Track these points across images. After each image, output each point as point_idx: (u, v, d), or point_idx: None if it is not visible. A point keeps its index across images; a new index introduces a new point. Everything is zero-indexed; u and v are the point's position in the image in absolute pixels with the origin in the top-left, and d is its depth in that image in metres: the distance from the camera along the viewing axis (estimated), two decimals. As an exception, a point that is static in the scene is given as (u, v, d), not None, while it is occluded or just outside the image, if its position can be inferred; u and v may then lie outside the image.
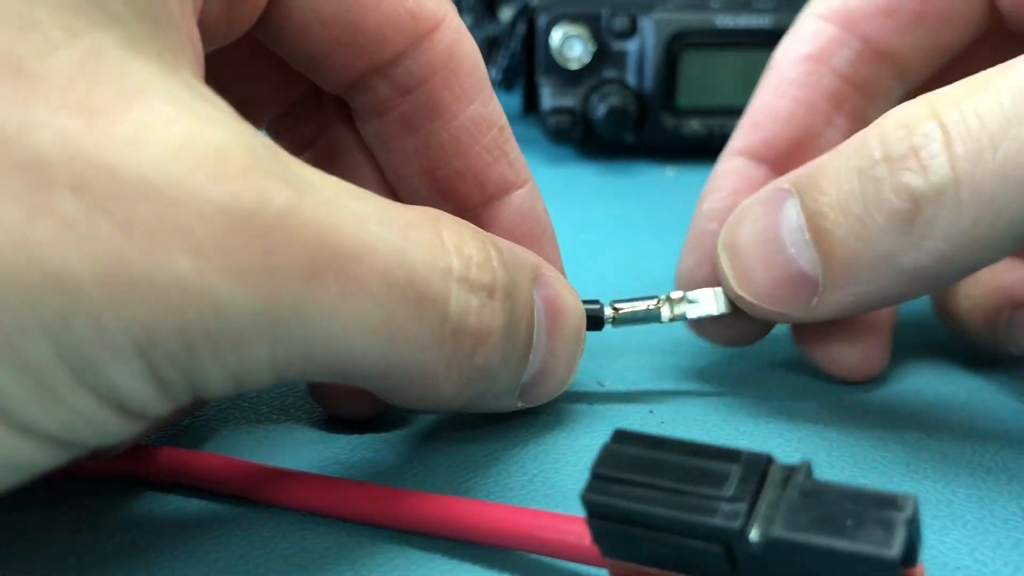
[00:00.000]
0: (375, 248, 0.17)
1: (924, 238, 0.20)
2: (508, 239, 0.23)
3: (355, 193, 0.18)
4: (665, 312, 0.25)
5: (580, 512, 0.21)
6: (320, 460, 0.23)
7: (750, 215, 0.23)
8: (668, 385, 0.27)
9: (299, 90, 0.25)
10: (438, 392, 0.19)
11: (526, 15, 0.51)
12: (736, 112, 0.50)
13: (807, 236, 0.22)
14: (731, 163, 0.27)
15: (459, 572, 0.19)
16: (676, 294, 0.25)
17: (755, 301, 0.23)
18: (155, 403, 0.16)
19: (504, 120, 0.24)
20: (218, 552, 0.19)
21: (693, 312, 0.25)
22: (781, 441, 0.24)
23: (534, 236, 0.24)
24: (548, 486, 0.22)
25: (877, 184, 0.20)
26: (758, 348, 0.29)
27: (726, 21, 0.49)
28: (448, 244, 0.19)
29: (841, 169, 0.21)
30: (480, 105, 0.23)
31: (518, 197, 0.24)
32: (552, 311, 0.22)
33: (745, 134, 0.27)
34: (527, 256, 0.22)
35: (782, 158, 0.26)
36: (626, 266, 0.36)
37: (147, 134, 0.15)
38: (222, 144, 0.15)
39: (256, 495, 0.21)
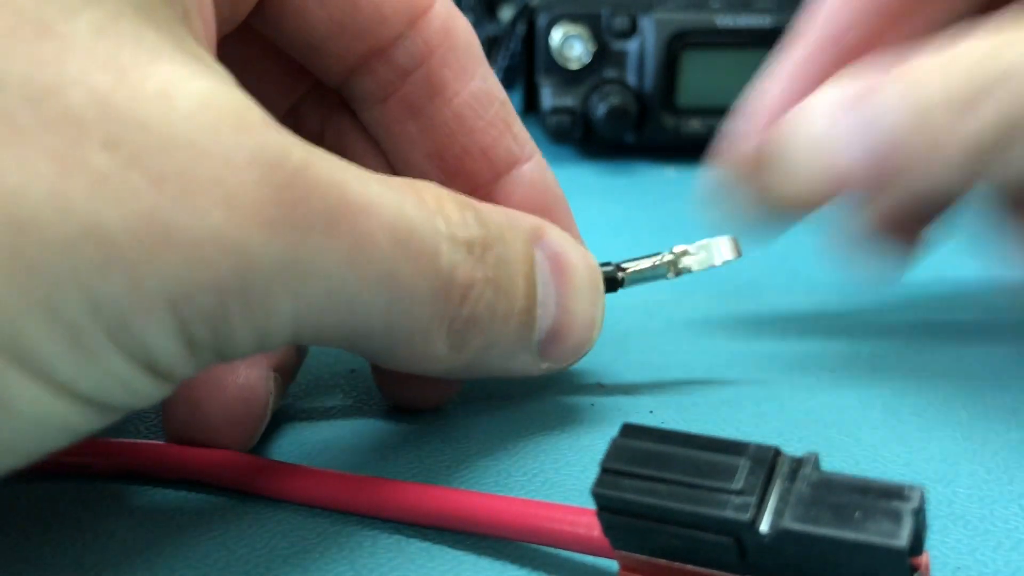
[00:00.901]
0: (381, 203, 0.17)
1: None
2: (523, 212, 0.23)
3: (349, 161, 0.18)
4: (672, 268, 0.25)
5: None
6: (315, 462, 0.23)
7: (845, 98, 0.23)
8: (668, 385, 0.27)
9: (300, 89, 0.25)
10: (432, 348, 0.19)
11: (526, 15, 0.51)
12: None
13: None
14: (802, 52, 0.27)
15: (460, 569, 0.19)
16: (679, 248, 0.25)
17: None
18: (183, 364, 0.16)
19: (504, 94, 0.24)
20: (218, 551, 0.19)
21: (698, 263, 0.25)
22: (781, 441, 0.23)
23: (547, 207, 0.24)
24: (548, 485, 0.22)
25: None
26: (758, 348, 0.29)
27: (726, 21, 0.48)
28: (431, 203, 0.19)
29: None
30: (480, 80, 0.23)
31: (527, 170, 0.24)
32: (558, 265, 0.22)
33: (819, 27, 0.27)
34: (525, 219, 0.22)
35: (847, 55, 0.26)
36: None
37: (175, 89, 0.15)
38: (240, 100, 0.16)
39: (257, 489, 0.21)
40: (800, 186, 0.25)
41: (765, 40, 0.49)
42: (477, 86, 0.23)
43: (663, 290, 0.33)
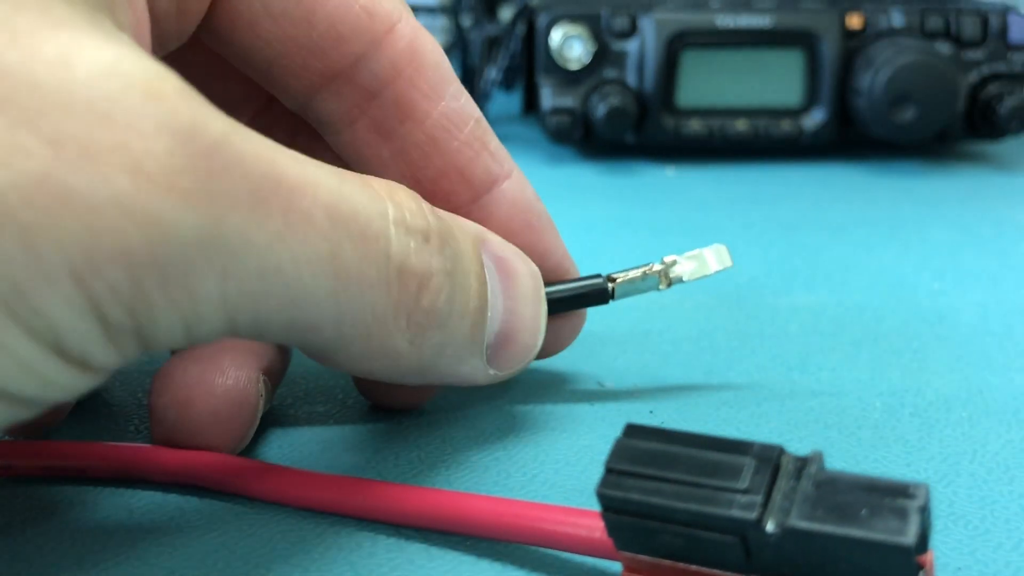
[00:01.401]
0: (317, 183, 0.17)
1: None
2: (505, 232, 0.23)
3: (284, 145, 0.17)
4: (663, 278, 0.25)
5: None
6: (315, 462, 0.23)
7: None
8: (668, 385, 0.27)
9: (260, 102, 0.24)
10: (391, 341, 0.19)
11: (526, 15, 0.51)
12: (736, 112, 0.50)
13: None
14: None
15: (460, 569, 0.19)
16: (669, 257, 0.25)
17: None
18: (100, 349, 0.15)
19: (479, 112, 0.23)
20: (218, 552, 0.19)
21: (690, 274, 0.25)
22: (782, 441, 0.23)
23: (531, 225, 0.24)
24: (548, 486, 0.22)
25: None
26: (758, 349, 0.29)
27: (726, 21, 0.49)
28: (381, 191, 0.19)
29: None
30: (451, 99, 0.23)
31: (508, 188, 0.24)
32: (505, 271, 0.22)
33: None
34: (469, 224, 0.22)
35: None
36: (626, 266, 0.36)
37: (76, 56, 0.14)
38: (154, 70, 0.15)
39: (251, 492, 0.21)
40: None
41: (765, 40, 0.49)
42: (448, 106, 0.23)
43: (663, 291, 0.34)
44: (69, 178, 0.13)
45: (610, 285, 0.25)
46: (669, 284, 0.25)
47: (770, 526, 0.15)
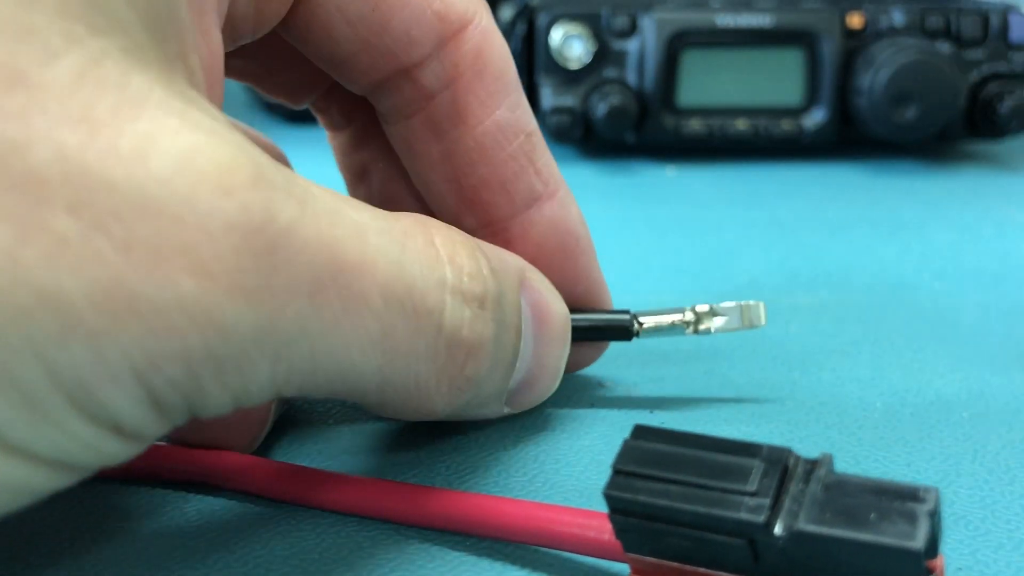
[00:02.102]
0: (375, 261, 0.17)
1: None
2: (538, 253, 0.23)
3: (352, 204, 0.17)
4: (691, 326, 0.24)
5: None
6: (315, 462, 0.23)
7: None
8: (669, 386, 0.27)
9: (328, 81, 0.24)
10: (429, 404, 0.19)
11: (526, 15, 0.51)
12: (736, 112, 0.50)
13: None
14: None
15: (461, 569, 0.19)
16: (702, 307, 0.25)
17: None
18: (152, 426, 0.15)
19: (533, 126, 0.23)
20: (217, 552, 0.19)
21: (718, 326, 0.24)
22: (783, 442, 0.23)
23: (567, 249, 0.24)
24: (548, 486, 0.22)
25: None
26: (759, 348, 0.29)
27: (726, 21, 0.48)
28: (442, 253, 0.18)
29: None
30: (507, 110, 0.23)
31: (548, 208, 0.23)
32: (539, 317, 0.22)
33: None
34: (513, 260, 0.21)
35: None
36: (626, 266, 0.36)
37: (151, 147, 0.14)
38: (228, 156, 0.15)
39: (261, 491, 0.21)
40: None
41: (765, 40, 0.49)
42: (502, 116, 0.22)
43: (663, 291, 0.34)
44: (136, 283, 0.14)
45: (636, 325, 0.24)
46: (696, 333, 0.25)
47: (778, 529, 0.15)
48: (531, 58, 0.51)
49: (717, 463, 0.16)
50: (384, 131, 0.24)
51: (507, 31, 0.52)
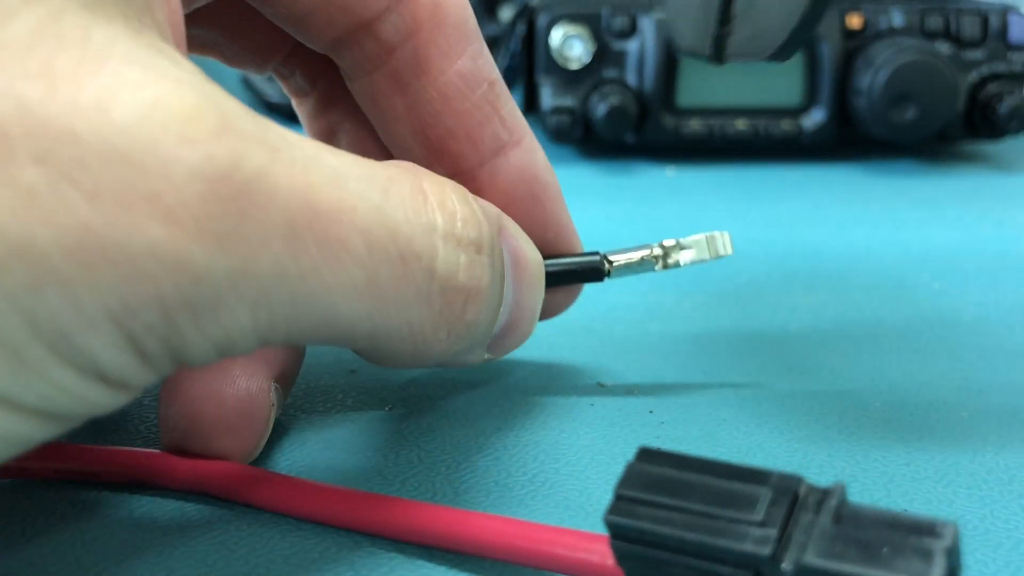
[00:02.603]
0: (354, 207, 0.17)
1: None
2: (507, 200, 0.23)
3: (335, 152, 0.17)
4: (660, 260, 0.25)
5: (585, 518, 0.21)
6: (315, 463, 0.23)
7: None
8: (669, 385, 0.27)
9: (291, 42, 0.24)
10: (426, 351, 0.19)
11: (526, 15, 0.51)
12: (736, 112, 0.50)
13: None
14: None
15: (461, 571, 0.19)
16: (669, 241, 0.25)
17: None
18: (138, 374, 0.15)
19: (496, 75, 0.23)
20: (218, 552, 0.19)
21: (687, 259, 0.25)
22: (782, 441, 0.24)
23: (535, 195, 0.24)
24: (548, 486, 0.22)
25: None
26: (758, 349, 0.29)
27: (726, 21, 0.48)
28: (431, 199, 0.18)
29: None
30: (468, 60, 0.23)
31: (515, 156, 0.24)
32: (517, 263, 0.22)
33: None
34: (492, 208, 0.21)
35: None
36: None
37: (113, 99, 0.14)
38: (192, 106, 0.15)
39: (262, 502, 0.21)
40: None
41: (765, 40, 0.49)
42: (464, 65, 0.22)
43: (663, 290, 0.34)
44: (106, 230, 0.14)
45: (607, 265, 0.25)
46: (666, 267, 0.25)
47: (785, 563, 0.14)
48: (531, 58, 0.51)
49: (724, 490, 0.15)
50: (349, 90, 0.24)
51: (507, 31, 0.53)
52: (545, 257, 0.24)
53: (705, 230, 0.26)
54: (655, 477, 0.16)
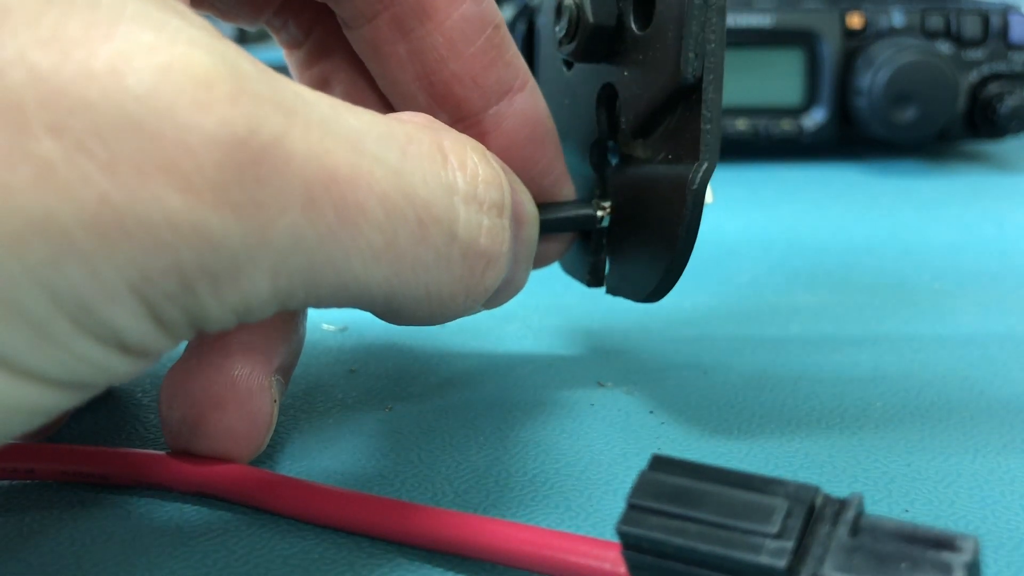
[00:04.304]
0: (372, 171, 0.16)
1: None
2: (510, 144, 0.23)
3: (353, 110, 0.17)
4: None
5: (585, 519, 0.21)
6: (316, 463, 0.23)
7: None
8: (668, 385, 0.27)
9: None
10: (444, 313, 0.19)
11: (526, 15, 0.51)
12: (736, 112, 0.50)
13: None
14: None
15: (461, 572, 0.19)
16: None
17: None
18: (158, 341, 0.15)
19: (499, 18, 0.23)
20: (218, 552, 0.19)
21: None
22: (782, 441, 0.24)
23: (536, 139, 0.24)
24: (548, 487, 0.22)
25: None
26: (759, 348, 0.29)
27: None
28: (452, 159, 0.18)
29: None
30: (472, 3, 0.22)
31: (519, 100, 0.23)
32: (518, 219, 0.21)
33: None
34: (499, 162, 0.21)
35: None
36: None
37: (127, 64, 0.14)
38: (206, 69, 0.15)
39: (269, 505, 0.20)
40: None
41: (765, 39, 0.49)
42: (469, 9, 0.22)
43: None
44: (124, 201, 0.14)
45: (599, 213, 0.25)
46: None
47: None
48: (531, 58, 0.51)
49: (738, 500, 0.15)
50: (347, 38, 0.24)
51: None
52: (540, 204, 0.23)
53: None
54: (668, 486, 0.16)
